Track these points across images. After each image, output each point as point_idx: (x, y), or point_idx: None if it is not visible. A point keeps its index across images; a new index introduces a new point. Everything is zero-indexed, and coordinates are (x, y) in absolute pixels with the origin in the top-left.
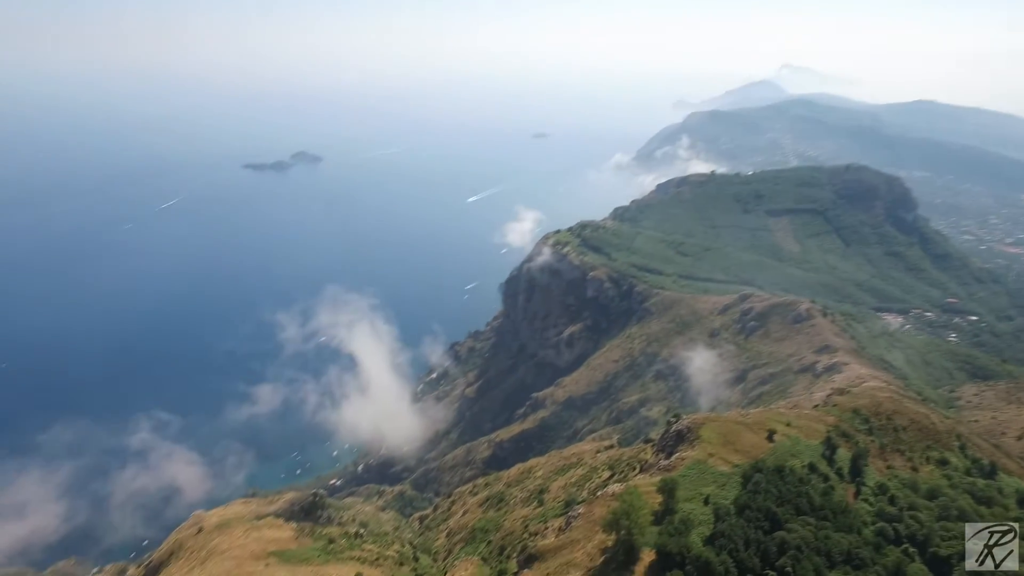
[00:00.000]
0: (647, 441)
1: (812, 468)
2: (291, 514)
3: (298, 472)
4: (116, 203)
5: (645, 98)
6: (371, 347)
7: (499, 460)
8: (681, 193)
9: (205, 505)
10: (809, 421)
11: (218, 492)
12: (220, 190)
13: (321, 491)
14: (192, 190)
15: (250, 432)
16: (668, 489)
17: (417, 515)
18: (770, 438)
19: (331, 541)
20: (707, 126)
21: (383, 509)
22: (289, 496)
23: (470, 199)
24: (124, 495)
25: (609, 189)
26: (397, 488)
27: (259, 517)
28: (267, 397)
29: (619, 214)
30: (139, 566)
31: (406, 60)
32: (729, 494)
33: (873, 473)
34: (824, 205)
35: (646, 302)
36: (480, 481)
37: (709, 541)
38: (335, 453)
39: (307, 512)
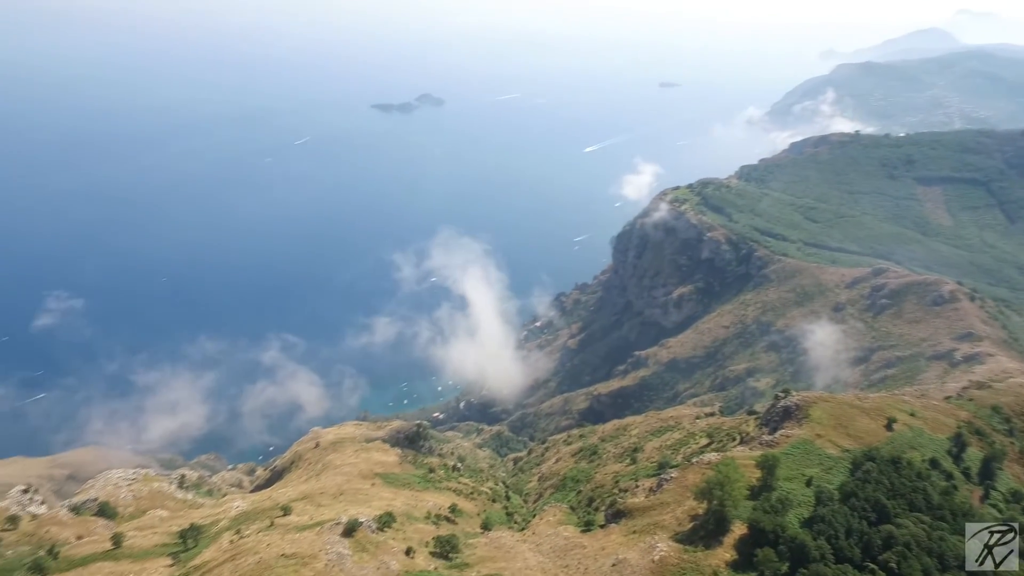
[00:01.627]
0: (751, 413)
1: (934, 464)
2: (396, 440)
3: (405, 402)
4: (260, 137)
5: (788, 47)
6: (481, 291)
7: (595, 413)
8: (818, 154)
9: (322, 422)
10: (937, 413)
11: (334, 412)
12: (349, 129)
13: (425, 422)
14: (324, 128)
15: (365, 360)
16: (768, 465)
17: (512, 456)
18: (889, 426)
19: (431, 471)
20: (857, 79)
21: (480, 447)
22: (396, 424)
23: (587, 149)
24: (255, 405)
25: (737, 145)
26: (495, 428)
27: (368, 440)
28: (383, 329)
29: (745, 173)
30: (265, 468)
31: (532, 3)
32: (835, 479)
33: (1007, 478)
34: (989, 175)
35: (765, 268)
36: (575, 432)
37: (807, 524)
38: (440, 388)
39: (411, 441)
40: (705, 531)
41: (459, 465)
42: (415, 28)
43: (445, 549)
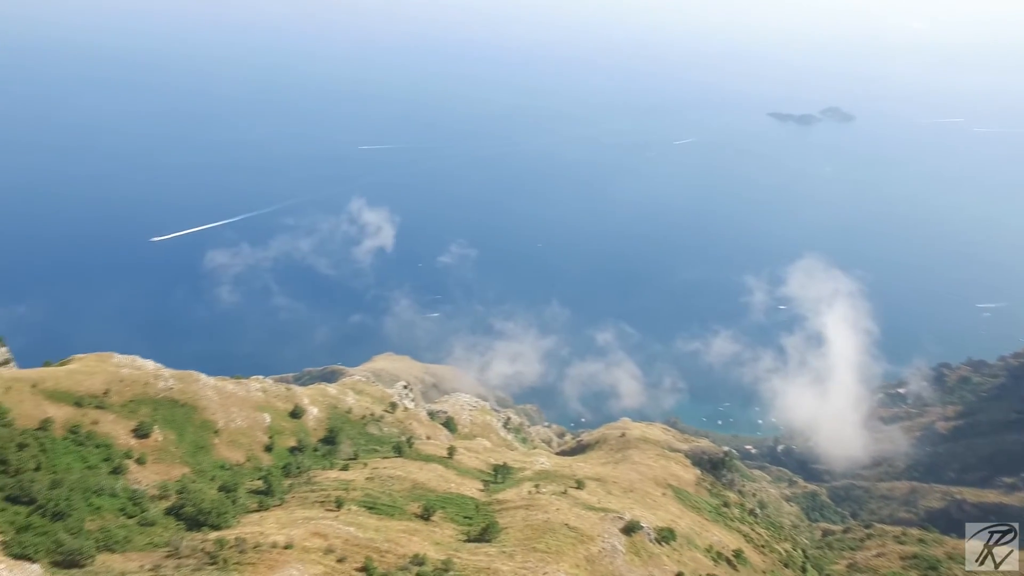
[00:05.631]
0: None
1: None
2: (699, 460)
3: (719, 422)
4: (647, 131)
5: None
6: (842, 336)
7: (950, 521)
8: None
9: (633, 415)
10: None
11: (646, 408)
12: (737, 135)
13: (733, 451)
14: (711, 130)
15: (691, 368)
16: None
17: (822, 526)
18: None
19: (725, 504)
20: None
21: (788, 500)
22: (703, 443)
23: None
24: (579, 376)
25: None
26: (811, 487)
27: (671, 449)
28: (719, 344)
29: None
30: (573, 437)
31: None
32: None
33: None
34: None
35: None
36: (914, 532)
37: None
38: (760, 421)
39: (714, 466)
40: None
41: (758, 511)
42: (839, 33)
43: None
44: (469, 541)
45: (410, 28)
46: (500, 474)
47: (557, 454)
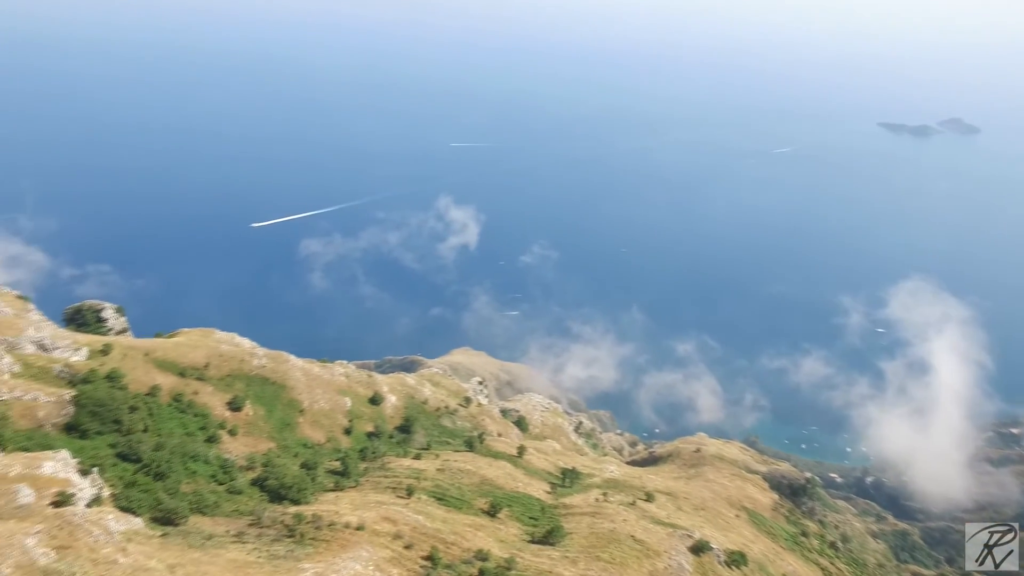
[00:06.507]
0: None
1: None
2: (777, 484)
3: (803, 446)
4: (744, 138)
5: None
6: (949, 365)
7: None
8: None
9: (710, 431)
10: None
11: (725, 424)
12: (842, 145)
13: (816, 478)
14: (814, 139)
15: (776, 387)
16: None
17: (912, 567)
18: None
19: (803, 534)
20: None
21: (875, 536)
22: (784, 467)
23: None
24: (655, 386)
25: None
26: (902, 525)
27: (748, 470)
28: (808, 364)
29: None
30: (645, 448)
31: None
32: None
33: None
34: None
35: None
36: None
37: None
38: (848, 449)
39: (794, 492)
40: None
41: (839, 544)
42: (966, 37)
43: None
44: (533, 542)
45: (508, 29)
46: (568, 478)
47: (627, 463)
